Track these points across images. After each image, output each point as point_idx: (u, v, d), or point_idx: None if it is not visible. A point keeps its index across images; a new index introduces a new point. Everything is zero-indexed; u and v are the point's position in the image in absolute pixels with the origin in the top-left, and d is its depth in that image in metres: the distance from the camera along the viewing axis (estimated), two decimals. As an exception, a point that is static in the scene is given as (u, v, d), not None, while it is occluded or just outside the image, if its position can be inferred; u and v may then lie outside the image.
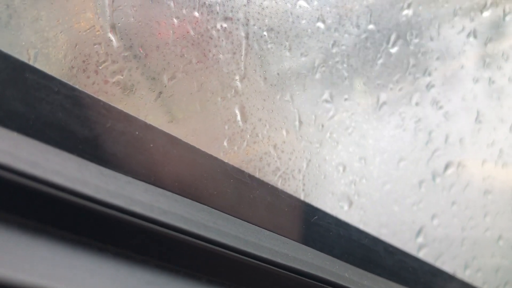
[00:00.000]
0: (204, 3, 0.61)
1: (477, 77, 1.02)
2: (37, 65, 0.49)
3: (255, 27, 0.65)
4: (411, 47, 0.88)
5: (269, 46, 0.67)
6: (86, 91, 0.51)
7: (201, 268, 0.48)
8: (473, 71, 1.02)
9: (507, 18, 1.03)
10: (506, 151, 1.09)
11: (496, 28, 1.03)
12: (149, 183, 0.51)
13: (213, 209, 0.55)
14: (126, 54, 0.56)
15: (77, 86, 0.51)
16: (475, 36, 0.98)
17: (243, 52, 0.65)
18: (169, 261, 0.45)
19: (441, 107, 0.95)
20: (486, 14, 0.98)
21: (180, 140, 0.59)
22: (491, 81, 1.04)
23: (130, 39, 0.56)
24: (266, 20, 0.67)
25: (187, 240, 0.46)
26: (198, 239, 0.46)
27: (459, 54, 0.97)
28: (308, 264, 0.59)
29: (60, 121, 0.46)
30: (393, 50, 0.85)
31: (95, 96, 0.53)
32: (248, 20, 0.64)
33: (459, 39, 0.96)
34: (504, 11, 1.03)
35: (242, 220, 0.58)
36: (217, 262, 0.49)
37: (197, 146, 0.60)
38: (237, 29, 0.64)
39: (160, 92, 0.60)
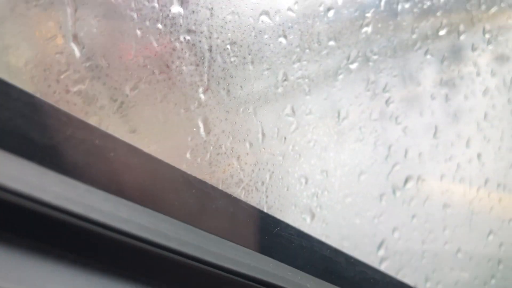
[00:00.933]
0: (168, 15, 0.61)
1: (434, 93, 1.06)
2: (-4, 73, 0.48)
3: (218, 40, 0.66)
4: (370, 64, 0.91)
5: (232, 59, 0.68)
6: (46, 100, 0.51)
7: (162, 277, 0.48)
8: (430, 88, 1.05)
9: (462, 38, 1.08)
10: (463, 166, 1.13)
11: (451, 47, 1.08)
12: (109, 192, 0.50)
13: (174, 220, 0.55)
14: (88, 64, 0.56)
15: (37, 95, 0.50)
16: (431, 54, 1.01)
17: (206, 65, 0.65)
18: (130, 269, 0.45)
19: (400, 123, 0.98)
20: (442, 33, 1.02)
21: (141, 150, 0.59)
22: (447, 97, 1.08)
23: (93, 48, 0.56)
24: (229, 34, 0.68)
25: (148, 249, 0.45)
26: (160, 249, 0.46)
27: (417, 71, 1.01)
28: (270, 274, 0.59)
29: (19, 128, 0.45)
30: (353, 66, 0.87)
31: (56, 105, 0.52)
32: (211, 33, 0.65)
33: (416, 57, 0.99)
34: (458, 31, 1.07)
35: (204, 231, 0.58)
36: (178, 272, 0.49)
37: (160, 157, 0.60)
38: (200, 41, 0.64)
39: (122, 103, 0.59)
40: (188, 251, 0.49)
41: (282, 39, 0.74)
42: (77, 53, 0.55)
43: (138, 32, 0.60)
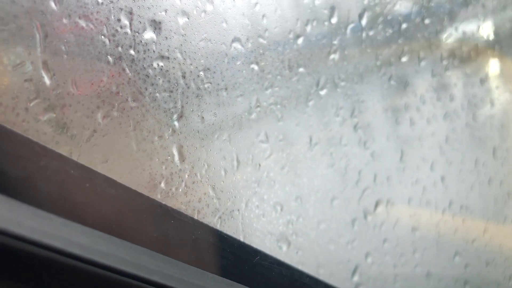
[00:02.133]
0: (140, 41, 0.60)
1: (399, 118, 1.08)
2: (-39, 101, 0.46)
3: (192, 66, 0.65)
4: (339, 90, 0.92)
5: (205, 85, 0.67)
6: (15, 130, 0.48)
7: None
8: (395, 113, 1.07)
9: (422, 64, 1.12)
10: (429, 188, 1.15)
11: (413, 73, 1.11)
12: (85, 225, 0.47)
13: (154, 252, 0.52)
14: (58, 92, 0.53)
15: (5, 124, 0.47)
16: (395, 80, 1.04)
17: (180, 91, 0.64)
18: (112, 307, 0.42)
19: (368, 147, 0.99)
20: (404, 59, 1.05)
21: (115, 181, 0.56)
22: (411, 122, 1.11)
23: (63, 75, 0.54)
24: (202, 61, 0.67)
25: (131, 284, 0.43)
26: (143, 282, 0.44)
27: (382, 97, 1.03)
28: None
29: (-12, 160, 0.42)
30: (322, 92, 0.88)
31: (25, 134, 0.49)
32: (184, 59, 0.64)
33: (381, 82, 1.01)
34: (419, 57, 1.11)
35: (184, 263, 0.55)
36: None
37: (134, 188, 0.58)
38: (173, 68, 0.63)
39: (94, 131, 0.57)
40: (172, 284, 0.46)
41: (254, 66, 0.74)
42: (47, 80, 0.53)
43: (110, 58, 0.58)
